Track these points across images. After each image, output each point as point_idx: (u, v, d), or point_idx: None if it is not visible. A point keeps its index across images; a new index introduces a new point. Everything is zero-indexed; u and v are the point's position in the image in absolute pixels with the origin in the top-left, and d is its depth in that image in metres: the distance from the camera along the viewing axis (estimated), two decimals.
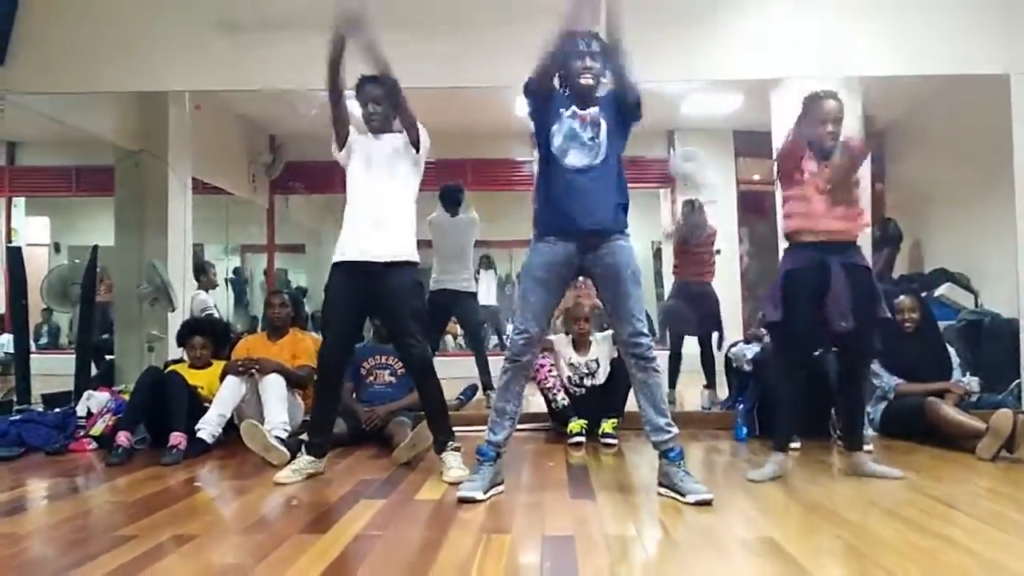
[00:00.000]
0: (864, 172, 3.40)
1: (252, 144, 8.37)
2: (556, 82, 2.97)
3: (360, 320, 3.49)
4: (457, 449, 3.25)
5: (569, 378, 4.39)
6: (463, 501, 2.76)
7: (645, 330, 2.92)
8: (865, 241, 3.61)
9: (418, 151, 3.36)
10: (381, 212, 3.26)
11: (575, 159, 2.91)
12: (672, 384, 5.35)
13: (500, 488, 2.92)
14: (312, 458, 3.29)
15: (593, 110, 2.93)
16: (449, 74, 4.73)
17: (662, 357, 3.33)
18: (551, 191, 2.95)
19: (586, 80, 2.91)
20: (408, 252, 3.29)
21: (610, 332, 4.40)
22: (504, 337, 4.67)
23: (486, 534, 2.38)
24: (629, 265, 2.92)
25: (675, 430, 2.90)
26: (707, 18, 4.73)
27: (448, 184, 5.73)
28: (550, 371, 4.36)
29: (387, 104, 3.34)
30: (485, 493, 2.82)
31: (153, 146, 5.97)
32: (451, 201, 5.62)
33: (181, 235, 6.07)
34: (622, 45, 2.91)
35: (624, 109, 2.96)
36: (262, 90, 4.89)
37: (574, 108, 2.94)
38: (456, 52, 4.67)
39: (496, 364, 3.24)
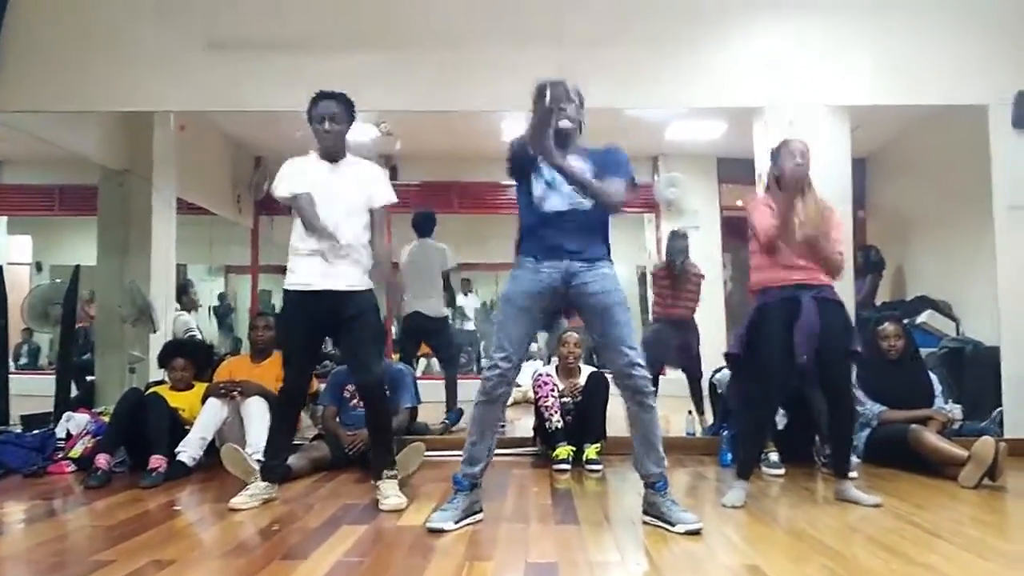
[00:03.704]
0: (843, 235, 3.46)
1: (237, 165, 8.36)
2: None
3: (319, 346, 3.53)
4: (394, 477, 3.24)
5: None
6: (431, 531, 2.69)
7: (640, 360, 2.79)
8: (847, 267, 3.63)
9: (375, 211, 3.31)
10: (339, 242, 3.19)
11: (554, 204, 2.81)
12: (699, 410, 5.47)
13: (478, 517, 2.85)
14: (267, 483, 3.26)
15: (574, 159, 2.80)
16: (437, 98, 4.75)
17: None
18: (532, 227, 2.87)
19: (563, 123, 2.74)
20: (366, 283, 3.28)
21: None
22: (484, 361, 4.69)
23: (468, 561, 2.36)
24: (616, 292, 2.84)
25: (665, 465, 2.84)
26: (691, 46, 4.79)
27: (420, 211, 5.91)
28: (552, 390, 4.30)
29: (345, 124, 3.26)
30: (456, 523, 2.74)
31: (138, 166, 5.95)
32: (423, 227, 5.81)
33: (164, 256, 6.03)
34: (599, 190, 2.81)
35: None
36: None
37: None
38: (444, 76, 4.69)
39: (473, 387, 3.06)
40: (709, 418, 5.14)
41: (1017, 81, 4.65)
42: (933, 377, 4.28)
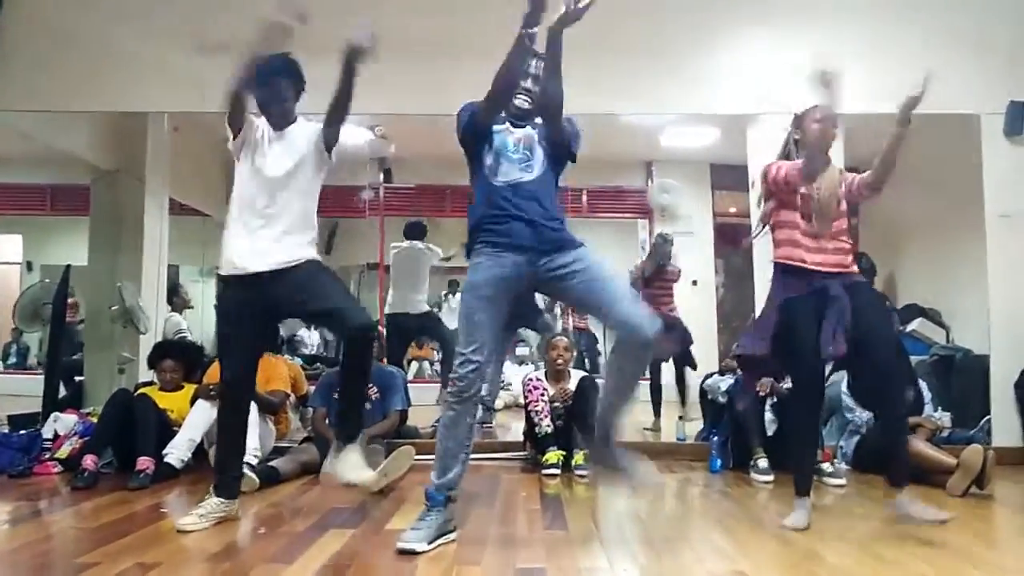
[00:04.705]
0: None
1: (230, 166, 8.30)
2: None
3: (265, 332, 3.14)
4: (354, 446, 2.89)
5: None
6: (402, 553, 2.46)
7: (641, 310, 2.60)
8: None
9: (330, 155, 2.97)
10: (278, 217, 2.86)
11: (505, 175, 2.69)
12: (656, 414, 5.46)
13: (451, 537, 2.63)
14: (221, 499, 2.90)
15: (527, 130, 2.75)
16: (431, 102, 4.74)
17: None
18: (487, 206, 2.71)
19: (521, 102, 2.74)
20: (307, 255, 2.89)
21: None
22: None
23: (456, 566, 2.36)
24: (587, 256, 2.63)
25: (619, 424, 2.69)
26: (685, 53, 4.80)
27: (411, 221, 6.29)
28: (542, 394, 4.28)
29: (293, 100, 3.00)
30: (430, 543, 2.53)
31: (130, 166, 5.91)
32: (411, 232, 6.14)
33: (156, 256, 6.01)
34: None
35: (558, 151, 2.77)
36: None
37: (507, 124, 2.77)
38: (438, 81, 4.68)
39: None
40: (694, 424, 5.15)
41: (1008, 91, 4.67)
42: (922, 384, 4.30)
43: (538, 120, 2.79)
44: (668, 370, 5.77)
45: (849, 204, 3.06)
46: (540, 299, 3.00)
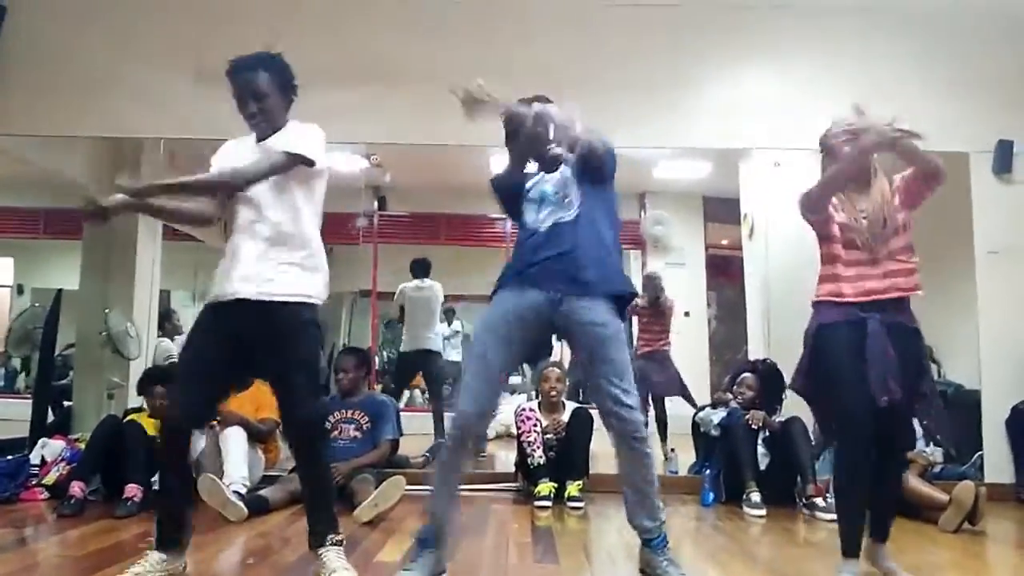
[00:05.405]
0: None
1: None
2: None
3: (230, 374, 2.59)
4: (340, 543, 2.51)
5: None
6: None
7: (631, 401, 2.45)
8: None
9: (312, 164, 2.51)
10: (266, 238, 2.49)
11: (547, 220, 2.57)
12: (663, 438, 5.69)
13: None
14: (163, 556, 2.44)
15: (561, 174, 2.64)
16: (426, 131, 4.78)
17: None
18: (523, 248, 2.59)
19: (557, 151, 2.55)
20: (301, 289, 2.49)
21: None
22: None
23: None
24: (612, 324, 2.50)
25: (662, 517, 2.53)
26: (679, 88, 4.84)
27: (417, 259, 6.51)
28: (534, 425, 4.26)
29: (277, 97, 2.61)
30: None
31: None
32: (418, 270, 6.39)
33: (148, 282, 6.00)
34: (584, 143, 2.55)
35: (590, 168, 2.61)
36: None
37: (540, 174, 2.69)
38: (434, 110, 4.69)
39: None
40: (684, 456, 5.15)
41: (997, 130, 4.74)
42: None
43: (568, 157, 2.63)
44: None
45: (914, 205, 2.76)
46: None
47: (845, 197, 2.66)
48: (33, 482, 4.01)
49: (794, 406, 3.87)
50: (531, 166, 2.71)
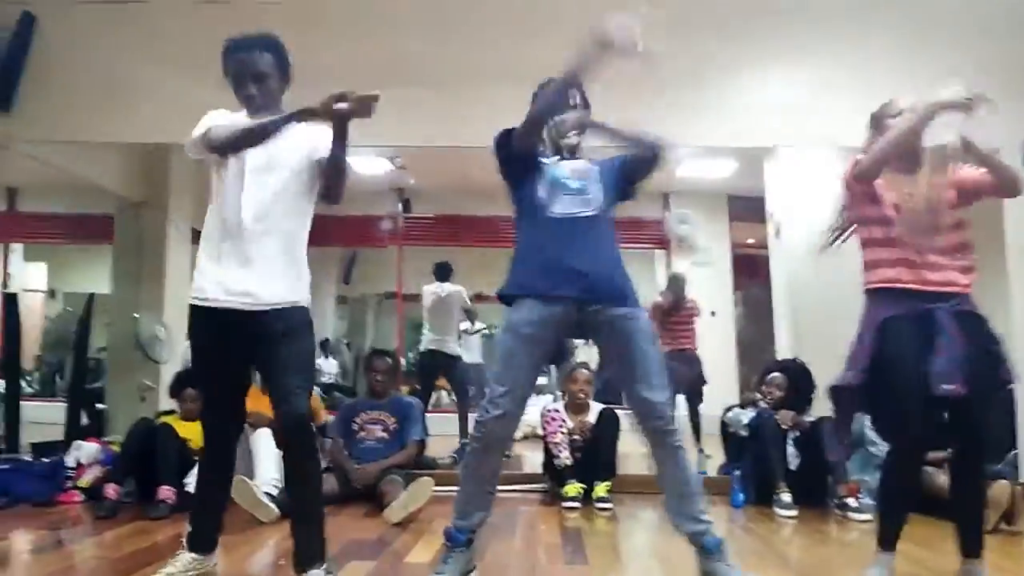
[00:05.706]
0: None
1: None
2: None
3: (243, 368, 2.56)
4: (331, 572, 2.39)
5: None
6: None
7: (662, 397, 2.38)
8: None
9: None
10: (259, 240, 2.39)
11: (563, 207, 2.46)
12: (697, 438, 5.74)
13: None
14: (196, 555, 2.49)
15: (582, 163, 2.58)
16: (449, 134, 4.80)
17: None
18: (535, 243, 2.49)
19: (572, 140, 2.60)
20: (296, 294, 2.45)
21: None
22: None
23: None
24: (641, 317, 2.46)
25: (708, 519, 2.39)
26: (703, 87, 4.82)
27: (438, 262, 6.58)
28: (560, 426, 4.26)
29: (276, 79, 2.52)
30: None
31: (154, 196, 6.03)
32: (441, 273, 6.46)
33: (178, 286, 6.08)
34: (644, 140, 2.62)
35: (636, 168, 2.62)
36: None
37: (558, 157, 2.59)
38: (457, 112, 4.74)
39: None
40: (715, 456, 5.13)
41: None
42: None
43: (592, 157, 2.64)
44: (680, 404, 5.80)
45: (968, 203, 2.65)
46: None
47: (892, 178, 2.52)
48: (69, 484, 4.08)
49: (824, 406, 3.83)
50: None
